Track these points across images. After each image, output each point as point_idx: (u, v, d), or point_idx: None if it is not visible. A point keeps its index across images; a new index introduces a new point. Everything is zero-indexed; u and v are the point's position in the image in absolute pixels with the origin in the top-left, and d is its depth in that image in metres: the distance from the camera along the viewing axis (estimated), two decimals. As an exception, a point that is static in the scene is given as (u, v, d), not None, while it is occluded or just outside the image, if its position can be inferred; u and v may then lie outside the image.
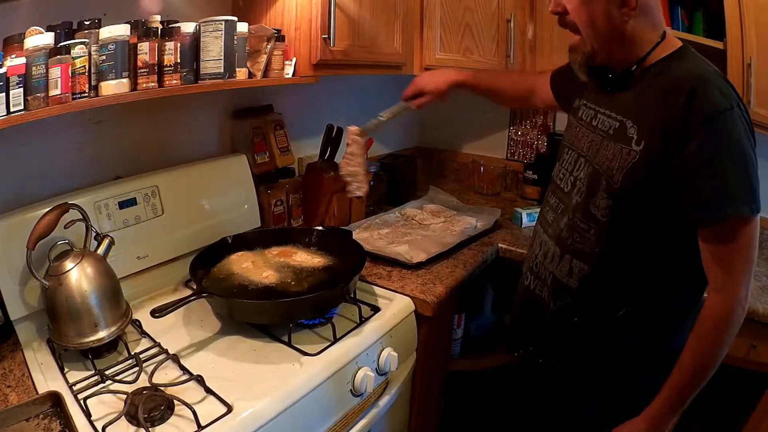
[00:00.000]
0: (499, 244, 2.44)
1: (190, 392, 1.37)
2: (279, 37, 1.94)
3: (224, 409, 1.32)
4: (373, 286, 2.00)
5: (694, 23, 2.31)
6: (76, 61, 1.39)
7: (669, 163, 1.30)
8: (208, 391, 1.39)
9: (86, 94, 1.44)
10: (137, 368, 1.46)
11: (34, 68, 1.31)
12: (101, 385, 1.40)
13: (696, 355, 1.36)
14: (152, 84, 1.58)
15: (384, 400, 1.79)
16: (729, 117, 1.25)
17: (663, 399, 1.41)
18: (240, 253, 1.98)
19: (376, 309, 1.83)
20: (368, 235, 2.37)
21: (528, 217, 2.67)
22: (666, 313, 1.48)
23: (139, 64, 1.54)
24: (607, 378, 1.56)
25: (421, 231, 2.45)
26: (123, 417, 1.25)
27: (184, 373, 1.46)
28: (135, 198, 1.80)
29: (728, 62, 2.11)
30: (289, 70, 2.02)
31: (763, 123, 2.09)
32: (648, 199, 1.36)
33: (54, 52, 1.34)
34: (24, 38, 1.32)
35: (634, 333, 1.49)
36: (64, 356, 1.50)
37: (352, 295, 1.82)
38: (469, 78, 2.06)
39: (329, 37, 1.96)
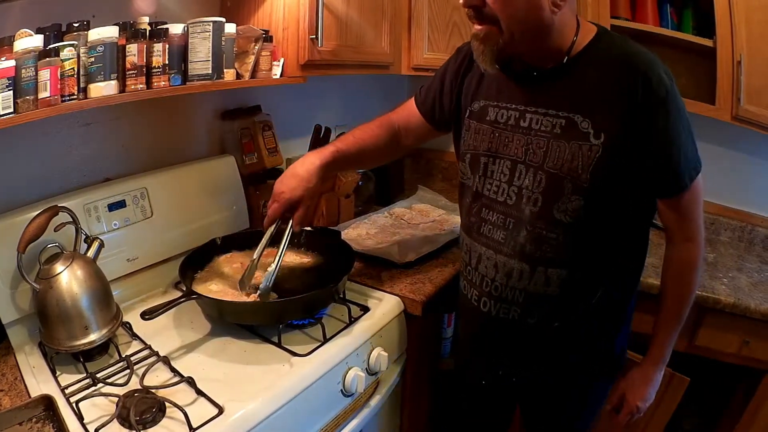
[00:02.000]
0: (488, 243, 2.44)
1: (181, 394, 1.38)
2: (267, 37, 1.94)
3: (215, 411, 1.32)
4: (363, 286, 2.01)
5: (684, 21, 2.33)
6: (65, 63, 1.39)
7: (633, 147, 1.31)
8: (199, 392, 1.39)
9: (75, 97, 1.44)
10: (128, 371, 1.46)
11: (23, 71, 1.31)
12: (93, 388, 1.40)
13: (682, 298, 1.52)
14: (141, 86, 1.58)
15: (375, 400, 1.80)
16: (675, 91, 1.30)
17: (659, 344, 1.56)
18: (229, 254, 1.99)
19: (365, 309, 1.84)
20: (357, 235, 2.37)
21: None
22: (622, 290, 1.57)
23: (128, 65, 1.54)
24: (585, 372, 1.62)
25: (410, 230, 2.45)
26: (115, 420, 1.25)
27: (174, 375, 1.47)
28: (124, 200, 1.80)
29: (718, 60, 2.13)
30: (277, 71, 2.02)
31: (753, 120, 2.12)
32: (618, 187, 1.36)
33: (43, 54, 1.34)
34: (13, 41, 1.32)
35: (601, 315, 1.55)
36: (55, 359, 1.50)
37: (341, 296, 1.83)
38: (333, 155, 1.73)
39: (317, 38, 1.96)
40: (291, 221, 1.69)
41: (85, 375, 1.44)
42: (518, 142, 1.45)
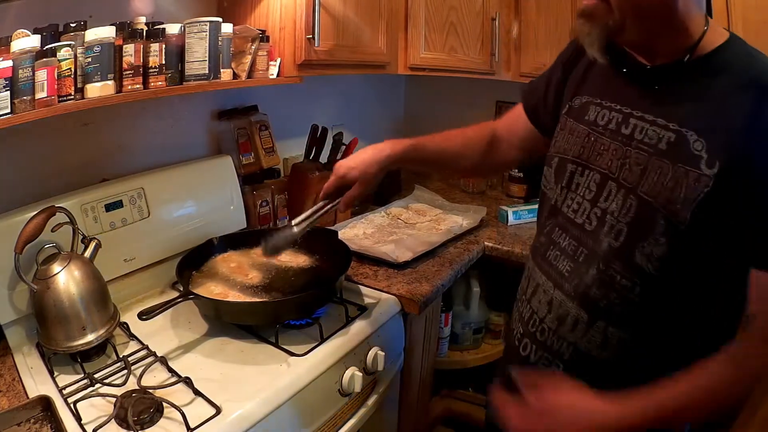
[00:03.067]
0: (485, 243, 2.45)
1: (179, 394, 1.38)
2: (263, 37, 1.94)
3: (213, 411, 1.32)
4: (360, 286, 2.01)
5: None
6: (61, 63, 1.39)
7: (747, 191, 1.00)
8: (197, 392, 1.39)
9: (72, 97, 1.44)
10: (126, 371, 1.46)
11: (20, 71, 1.31)
12: (91, 388, 1.40)
13: (721, 396, 1.05)
14: (137, 86, 1.58)
15: (372, 400, 1.80)
16: None
17: (654, 407, 1.06)
18: (226, 254, 1.99)
19: (362, 309, 1.84)
20: (354, 234, 2.38)
21: (514, 215, 2.68)
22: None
23: (125, 65, 1.54)
24: None
25: (407, 230, 2.46)
26: (113, 420, 1.25)
27: (172, 375, 1.47)
28: (121, 200, 1.80)
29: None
30: (273, 71, 2.03)
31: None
32: (718, 242, 1.05)
33: (40, 54, 1.34)
34: (11, 41, 1.32)
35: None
36: (53, 360, 1.50)
37: (338, 295, 1.83)
38: (407, 149, 1.61)
39: (314, 37, 1.96)
40: (339, 199, 1.60)
41: (82, 375, 1.44)
42: (615, 152, 1.17)
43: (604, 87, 1.25)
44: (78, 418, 1.28)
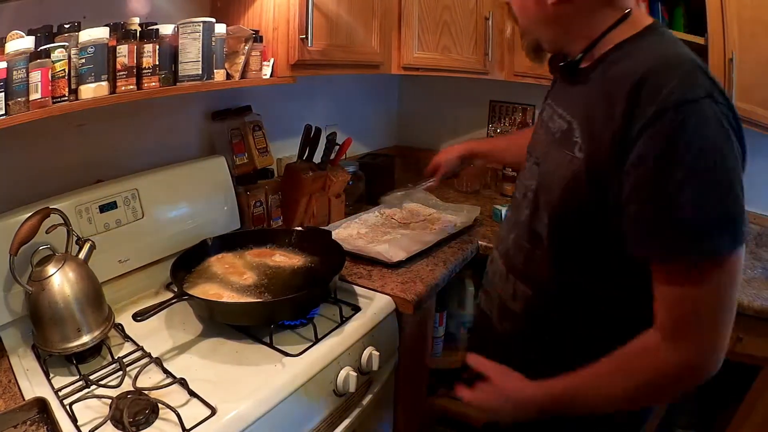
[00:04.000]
0: (480, 242, 2.47)
1: (174, 395, 1.38)
2: (257, 37, 1.94)
3: (208, 412, 1.32)
4: (354, 286, 2.01)
5: (675, 19, 2.34)
6: (56, 64, 1.39)
7: (609, 174, 1.06)
8: (192, 393, 1.39)
9: (66, 98, 1.44)
10: (121, 372, 1.46)
11: (14, 72, 1.31)
12: (86, 390, 1.41)
13: (620, 392, 1.10)
14: (131, 86, 1.59)
15: (367, 400, 1.80)
16: (692, 110, 0.95)
17: (567, 388, 1.16)
18: (220, 255, 1.99)
19: (357, 308, 1.85)
20: (348, 234, 2.38)
21: (507, 214, 2.67)
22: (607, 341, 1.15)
23: (118, 66, 1.55)
24: None
25: (400, 230, 2.47)
26: (108, 422, 1.26)
27: (167, 377, 1.47)
28: (115, 201, 1.79)
29: (710, 57, 2.13)
30: (267, 71, 2.02)
31: (745, 117, 2.12)
32: (589, 223, 1.14)
33: (34, 56, 1.34)
34: (5, 42, 1.32)
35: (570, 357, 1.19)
36: (49, 362, 1.50)
37: (332, 295, 1.84)
38: (484, 148, 2.21)
39: (307, 38, 1.96)
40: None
41: (78, 377, 1.44)
42: (543, 142, 1.34)
43: (552, 89, 1.46)
44: (74, 419, 1.28)
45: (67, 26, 1.48)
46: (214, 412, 1.33)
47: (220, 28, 1.79)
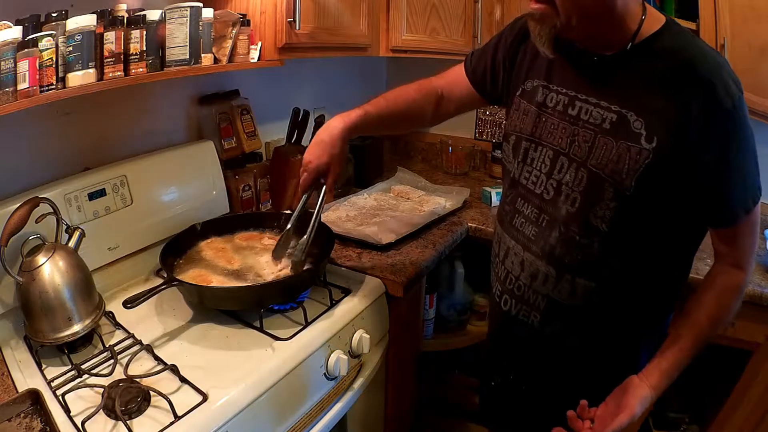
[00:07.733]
0: (469, 224, 2.47)
1: (165, 382, 1.39)
2: (244, 21, 1.93)
3: (200, 398, 1.33)
4: (343, 269, 2.02)
5: (666, 4, 2.33)
6: (43, 53, 1.38)
7: (686, 165, 1.18)
8: (183, 380, 1.40)
9: (53, 87, 1.44)
10: (112, 360, 1.47)
11: (2, 63, 1.31)
12: (78, 379, 1.41)
13: (714, 321, 1.31)
14: (119, 73, 1.58)
15: (358, 383, 1.82)
16: (743, 106, 1.16)
17: (671, 360, 1.30)
18: (209, 240, 1.99)
19: (346, 291, 1.86)
20: (337, 217, 2.39)
21: (497, 196, 2.67)
22: (653, 314, 1.44)
23: (106, 53, 1.54)
24: (599, 392, 1.35)
25: (389, 212, 2.47)
26: (101, 411, 1.26)
27: (158, 363, 1.47)
28: (104, 188, 1.79)
29: (701, 43, 2.14)
30: (254, 55, 2.02)
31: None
32: (664, 203, 1.24)
33: (22, 45, 1.34)
34: (-7, 33, 1.32)
35: (624, 339, 1.42)
36: (41, 352, 1.50)
37: (322, 278, 1.84)
38: (358, 119, 1.65)
39: (294, 21, 1.96)
40: (323, 189, 1.69)
41: (70, 367, 1.45)
42: (564, 131, 1.33)
43: (550, 72, 1.40)
44: (67, 410, 1.29)
45: (54, 15, 1.47)
46: (205, 398, 1.34)
47: (208, 13, 1.78)
